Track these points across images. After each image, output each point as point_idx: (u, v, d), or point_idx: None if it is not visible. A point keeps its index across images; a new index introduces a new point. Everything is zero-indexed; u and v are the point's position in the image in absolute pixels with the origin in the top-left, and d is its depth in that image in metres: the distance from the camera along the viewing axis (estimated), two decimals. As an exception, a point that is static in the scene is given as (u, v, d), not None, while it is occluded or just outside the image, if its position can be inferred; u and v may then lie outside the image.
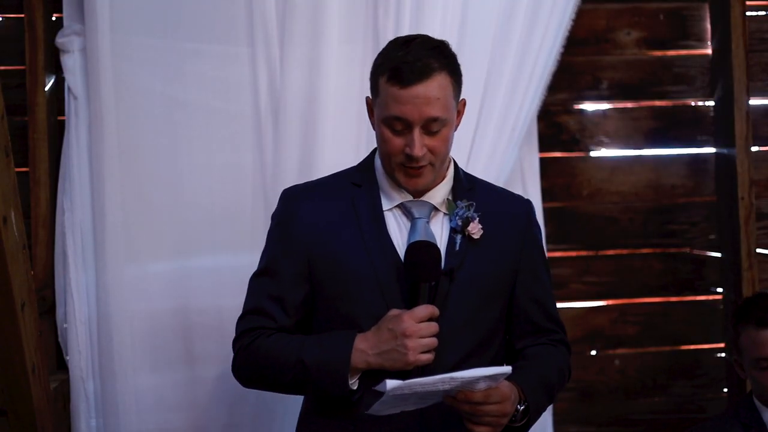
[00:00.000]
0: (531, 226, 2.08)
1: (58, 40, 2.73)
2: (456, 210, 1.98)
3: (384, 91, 1.90)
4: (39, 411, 2.30)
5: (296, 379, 1.92)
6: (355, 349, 1.87)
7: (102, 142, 2.67)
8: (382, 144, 1.95)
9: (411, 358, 1.84)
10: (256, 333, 1.97)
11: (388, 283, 1.93)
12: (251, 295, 2.03)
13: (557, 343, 2.08)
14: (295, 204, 2.02)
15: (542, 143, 3.09)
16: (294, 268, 1.98)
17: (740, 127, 3.10)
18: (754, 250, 3.09)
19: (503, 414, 1.84)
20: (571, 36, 2.95)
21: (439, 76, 1.89)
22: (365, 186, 2.01)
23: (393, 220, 1.99)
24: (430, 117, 1.89)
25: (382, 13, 2.76)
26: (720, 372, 3.25)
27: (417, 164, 1.91)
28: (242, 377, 2.03)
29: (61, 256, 2.74)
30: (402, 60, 1.88)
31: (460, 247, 1.96)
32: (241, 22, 2.74)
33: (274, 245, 2.03)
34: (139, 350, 2.70)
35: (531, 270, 2.05)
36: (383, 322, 1.88)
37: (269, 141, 2.76)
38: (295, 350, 1.91)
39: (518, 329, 2.05)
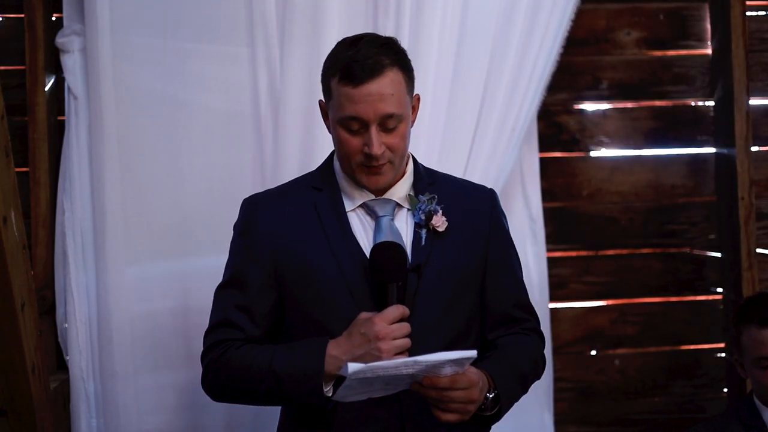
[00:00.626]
0: (496, 213, 2.07)
1: (58, 40, 2.73)
2: (418, 204, 1.96)
3: (336, 92, 1.89)
4: (39, 411, 2.30)
5: (269, 390, 1.90)
6: (327, 356, 1.85)
7: (102, 142, 2.67)
8: (339, 146, 1.93)
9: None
10: (225, 345, 1.96)
11: (357, 285, 1.92)
12: (218, 308, 2.01)
13: (529, 332, 2.06)
14: (256, 212, 2.01)
15: (542, 143, 3.09)
16: (260, 277, 1.96)
17: (740, 127, 3.10)
18: (754, 250, 3.09)
19: (470, 400, 1.82)
20: (571, 36, 2.96)
21: (390, 72, 1.88)
22: (326, 189, 2.00)
23: (357, 221, 1.98)
24: (385, 114, 1.88)
25: (382, 14, 2.76)
26: (720, 372, 3.25)
27: (377, 163, 1.90)
28: (213, 391, 2.01)
29: (61, 256, 2.74)
30: (352, 59, 1.86)
31: (425, 242, 1.94)
32: (241, 22, 2.74)
33: (238, 255, 2.01)
34: (139, 350, 2.70)
35: (499, 258, 2.04)
36: (354, 326, 1.86)
37: (269, 141, 2.76)
38: (267, 360, 1.89)
39: (490, 320, 2.03)
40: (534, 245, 3.03)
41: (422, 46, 2.73)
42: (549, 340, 3.03)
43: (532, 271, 3.01)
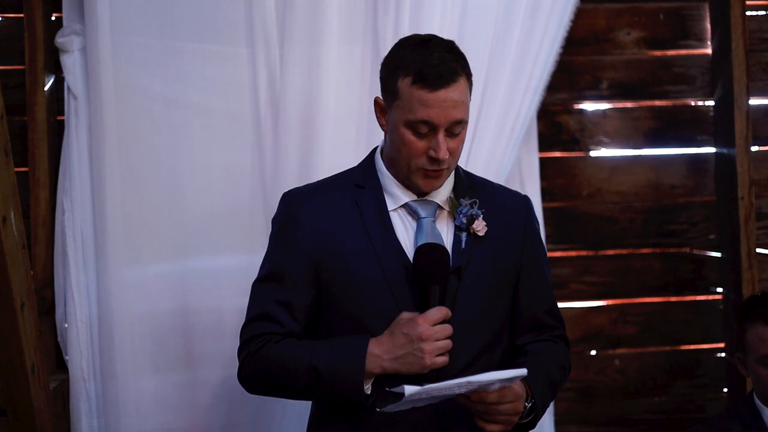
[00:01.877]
0: (531, 221, 2.09)
1: (58, 39, 2.73)
2: (460, 208, 1.98)
3: (407, 94, 1.89)
4: (38, 411, 2.30)
5: (309, 386, 1.90)
6: (369, 354, 1.86)
7: (102, 142, 2.67)
8: (402, 146, 1.92)
9: (427, 362, 1.84)
10: (263, 339, 1.96)
11: (398, 285, 1.93)
12: (256, 301, 2.01)
13: (558, 339, 2.09)
14: (296, 207, 2.00)
15: (542, 143, 3.09)
16: (300, 272, 1.96)
17: (740, 126, 3.09)
18: (754, 250, 3.09)
19: (515, 412, 1.86)
20: (571, 36, 2.96)
21: (461, 79, 1.90)
22: (368, 186, 2.00)
23: (399, 220, 1.99)
24: (455, 120, 1.89)
25: (381, 14, 2.76)
26: (720, 372, 3.25)
27: (438, 167, 1.91)
28: (250, 385, 2.02)
29: (61, 256, 2.74)
30: (426, 63, 1.87)
31: (465, 245, 1.96)
32: (240, 22, 2.74)
33: (278, 250, 2.01)
34: (139, 351, 2.70)
35: (533, 265, 2.06)
36: (396, 326, 1.87)
37: (269, 141, 2.76)
38: (307, 356, 1.89)
39: (520, 325, 2.06)
40: (534, 245, 3.02)
41: (422, 45, 2.73)
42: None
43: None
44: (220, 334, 2.75)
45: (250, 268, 2.75)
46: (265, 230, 2.75)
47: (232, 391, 2.75)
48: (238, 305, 2.75)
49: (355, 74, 2.78)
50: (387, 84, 1.95)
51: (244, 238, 2.76)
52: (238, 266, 2.75)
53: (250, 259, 2.76)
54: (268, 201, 2.76)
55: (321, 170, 2.70)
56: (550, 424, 3.04)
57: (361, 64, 2.78)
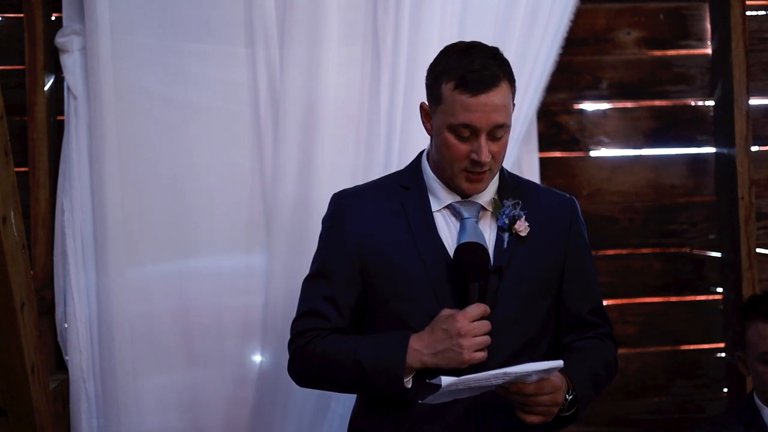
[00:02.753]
0: (576, 222, 2.14)
1: (58, 39, 2.73)
2: (503, 209, 2.03)
3: (450, 99, 1.95)
4: (39, 411, 2.30)
5: (353, 379, 1.97)
6: (410, 349, 1.93)
7: (102, 142, 2.67)
8: (445, 150, 1.98)
9: (466, 357, 1.90)
10: (311, 334, 2.03)
11: (440, 283, 1.99)
12: (305, 298, 2.08)
13: (604, 337, 2.13)
14: (345, 207, 2.08)
15: (542, 143, 3.09)
16: (347, 270, 2.04)
17: (740, 126, 3.09)
18: (754, 250, 3.09)
19: (555, 404, 1.90)
20: (571, 36, 2.96)
21: (503, 84, 1.96)
22: (414, 188, 2.07)
23: (442, 221, 2.05)
24: (497, 124, 1.95)
25: (381, 14, 2.76)
26: (720, 372, 3.25)
27: (480, 170, 1.97)
28: (299, 378, 2.09)
29: (61, 256, 2.74)
30: (469, 68, 1.93)
31: (507, 245, 2.02)
32: (240, 22, 2.74)
33: (326, 248, 2.08)
34: (139, 351, 2.70)
35: (577, 265, 2.11)
36: (437, 322, 1.94)
37: (269, 141, 2.76)
38: (351, 351, 1.97)
39: (565, 324, 2.11)
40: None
41: (421, 46, 2.73)
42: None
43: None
44: (219, 333, 2.75)
45: (250, 267, 2.77)
46: (264, 230, 2.77)
47: (232, 391, 2.76)
48: (237, 305, 2.76)
49: (355, 74, 2.78)
50: (432, 89, 2.02)
51: (243, 238, 2.76)
52: (238, 266, 2.76)
53: (249, 259, 2.77)
54: (267, 200, 2.76)
55: (321, 170, 2.70)
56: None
57: (361, 64, 2.78)
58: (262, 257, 2.76)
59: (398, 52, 2.73)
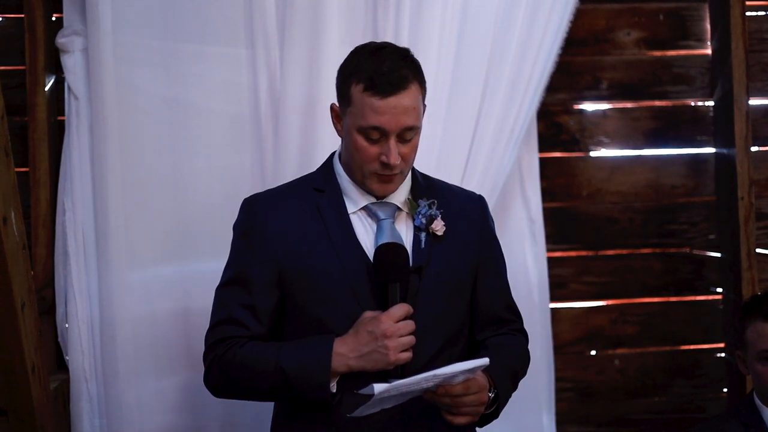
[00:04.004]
0: (487, 219, 2.16)
1: (59, 40, 2.73)
2: (419, 209, 2.03)
3: (359, 101, 1.94)
4: (39, 411, 2.30)
5: (275, 387, 1.94)
6: (334, 353, 1.91)
7: (103, 143, 2.67)
8: (355, 152, 1.98)
9: (392, 358, 1.89)
10: (229, 342, 2.00)
11: (360, 285, 1.97)
12: (221, 306, 2.05)
13: (516, 333, 2.16)
14: (258, 212, 2.05)
15: (542, 143, 3.09)
16: (265, 276, 2.00)
17: (740, 127, 3.10)
18: (754, 250, 3.10)
19: (481, 403, 1.91)
20: (571, 36, 2.96)
21: (412, 86, 1.95)
22: (328, 191, 2.05)
23: (359, 223, 2.03)
24: (406, 126, 1.94)
25: (381, 15, 2.76)
26: (720, 372, 3.25)
27: (390, 172, 1.96)
28: (216, 388, 2.05)
29: (62, 257, 2.74)
30: (377, 70, 1.92)
31: (425, 245, 2.02)
32: (241, 23, 2.74)
33: (241, 255, 2.05)
34: (140, 351, 2.70)
35: (490, 263, 2.13)
36: (360, 324, 1.92)
37: (269, 142, 2.76)
38: (273, 358, 1.93)
39: (480, 320, 2.12)
40: (533, 245, 3.03)
41: (421, 46, 2.73)
42: (549, 340, 3.03)
43: (532, 271, 3.02)
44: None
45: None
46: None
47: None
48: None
49: (354, 75, 2.78)
50: (341, 90, 2.00)
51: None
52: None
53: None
54: (268, 201, 2.76)
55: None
56: (551, 424, 3.04)
57: (360, 64, 2.78)
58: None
59: (398, 52, 2.73)
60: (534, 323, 2.98)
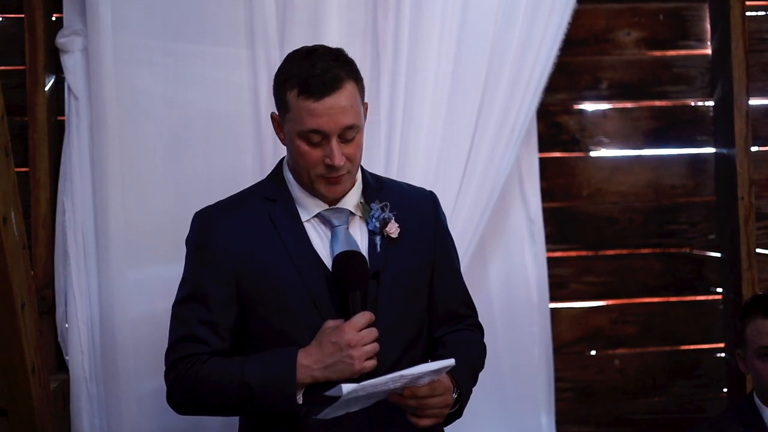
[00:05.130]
0: (438, 215, 2.15)
1: (59, 40, 2.73)
2: (371, 212, 2.02)
3: (295, 106, 1.93)
4: (39, 411, 2.30)
5: (241, 402, 1.92)
6: (299, 366, 1.89)
7: (103, 143, 2.67)
8: (299, 158, 1.96)
9: (357, 367, 1.88)
10: (190, 360, 1.98)
11: (319, 294, 1.96)
12: (180, 323, 2.02)
13: (473, 328, 2.17)
14: (211, 225, 2.03)
15: (542, 143, 3.09)
16: (222, 291, 1.98)
17: (740, 127, 3.10)
18: (753, 250, 3.10)
19: (446, 405, 1.91)
20: (571, 36, 2.96)
21: (347, 85, 1.93)
22: (280, 200, 2.03)
23: (313, 231, 2.02)
24: (345, 126, 1.93)
25: (381, 16, 2.76)
26: (720, 372, 3.25)
27: (336, 173, 1.95)
28: (179, 406, 2.03)
29: (62, 256, 2.74)
30: (310, 73, 1.91)
31: (381, 249, 2.01)
32: (241, 24, 2.74)
33: (196, 270, 2.02)
34: (140, 351, 2.69)
35: (445, 260, 2.13)
36: (323, 335, 1.91)
37: (269, 143, 2.76)
38: (237, 373, 1.92)
39: (437, 318, 2.11)
40: (533, 246, 3.03)
41: (421, 46, 2.73)
42: (549, 341, 3.03)
43: (532, 271, 3.02)
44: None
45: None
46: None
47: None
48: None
49: (354, 76, 2.78)
50: (278, 98, 1.99)
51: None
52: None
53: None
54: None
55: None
56: (550, 425, 3.04)
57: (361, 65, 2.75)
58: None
59: (398, 53, 2.73)
60: (533, 323, 2.99)
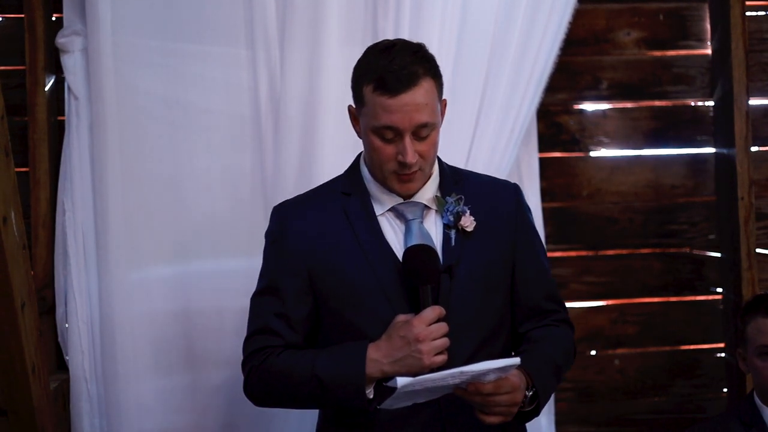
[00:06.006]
0: (521, 208, 2.10)
1: (59, 40, 2.73)
2: (446, 206, 1.99)
3: (371, 101, 1.91)
4: (39, 411, 2.30)
5: (312, 395, 1.93)
6: (368, 360, 1.89)
7: (103, 143, 2.67)
8: (372, 153, 1.96)
9: (426, 362, 1.86)
10: (265, 352, 1.99)
11: (391, 288, 1.95)
12: (256, 316, 2.04)
13: (560, 323, 2.10)
14: (288, 220, 2.03)
15: (542, 143, 3.09)
16: (296, 284, 1.99)
17: (740, 127, 3.10)
18: (753, 250, 3.10)
19: (514, 403, 1.86)
20: (571, 36, 2.96)
21: (424, 82, 1.90)
22: (355, 194, 2.03)
23: (387, 224, 2.01)
24: (420, 123, 1.90)
25: (381, 16, 2.76)
26: (720, 372, 3.25)
27: (409, 170, 1.93)
28: (255, 397, 2.05)
29: (62, 257, 2.74)
30: (386, 69, 1.88)
31: (455, 243, 1.98)
32: (241, 24, 2.74)
33: (272, 263, 2.04)
34: (140, 352, 2.70)
35: (527, 253, 2.07)
36: (393, 329, 1.89)
37: (269, 143, 2.76)
38: (308, 365, 1.92)
39: (521, 313, 2.07)
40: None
41: (422, 46, 2.73)
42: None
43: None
44: (220, 335, 2.75)
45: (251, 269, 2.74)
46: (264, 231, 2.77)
47: (232, 392, 2.75)
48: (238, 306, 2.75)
49: (354, 76, 2.78)
50: (355, 92, 1.99)
51: (244, 240, 2.76)
52: (239, 267, 2.75)
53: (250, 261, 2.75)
54: (268, 202, 2.75)
55: (321, 172, 2.70)
56: (550, 424, 3.04)
57: (361, 65, 2.78)
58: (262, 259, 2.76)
59: (398, 52, 2.73)
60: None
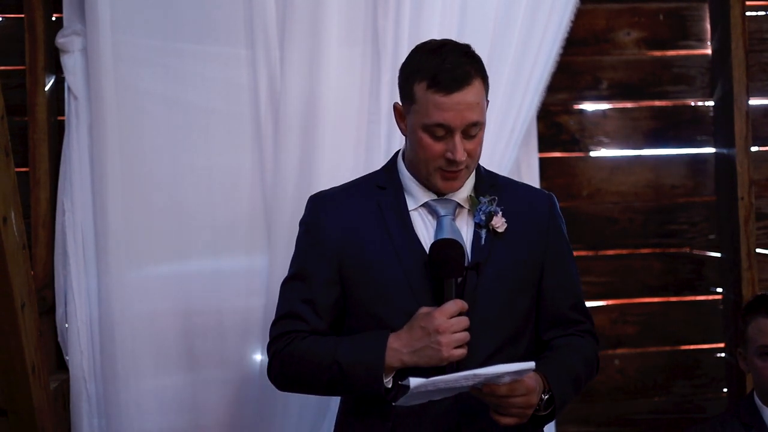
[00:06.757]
0: (555, 217, 2.13)
1: (59, 40, 2.73)
2: (479, 206, 2.03)
3: (423, 99, 1.94)
4: (39, 411, 2.30)
5: (332, 381, 1.97)
6: (389, 349, 1.92)
7: (102, 143, 2.67)
8: (420, 150, 1.98)
9: (445, 354, 1.89)
10: (290, 337, 2.02)
11: (417, 281, 1.98)
12: (284, 300, 2.08)
13: (584, 334, 2.12)
14: (322, 209, 2.07)
15: (542, 143, 3.09)
16: (325, 272, 2.03)
17: (740, 127, 3.10)
18: (753, 250, 3.10)
19: (529, 405, 1.88)
20: (571, 36, 2.96)
21: (476, 82, 1.95)
22: (390, 188, 2.06)
23: (419, 219, 2.04)
24: (471, 122, 1.94)
25: (381, 15, 2.76)
26: (720, 372, 3.25)
27: (456, 168, 1.97)
28: (278, 381, 2.08)
29: (61, 257, 2.74)
30: (440, 67, 1.92)
31: (485, 242, 2.01)
32: (241, 23, 2.74)
33: (304, 250, 2.08)
34: (140, 351, 2.70)
35: (557, 261, 2.10)
36: (414, 320, 1.93)
37: (269, 142, 2.76)
38: (330, 352, 1.96)
39: (545, 320, 2.09)
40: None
41: (422, 46, 2.73)
42: (549, 340, 3.03)
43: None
44: (220, 334, 2.75)
45: (251, 268, 2.78)
46: (265, 231, 2.77)
47: (232, 392, 2.76)
48: (238, 306, 2.76)
49: (355, 75, 2.78)
50: (404, 89, 2.01)
51: (244, 239, 2.76)
52: (239, 267, 2.76)
53: (250, 260, 2.77)
54: (268, 202, 2.76)
55: (321, 172, 2.71)
56: (550, 424, 3.03)
57: (361, 65, 2.79)
58: (262, 258, 2.77)
59: (398, 52, 2.73)
60: (534, 323, 2.99)
